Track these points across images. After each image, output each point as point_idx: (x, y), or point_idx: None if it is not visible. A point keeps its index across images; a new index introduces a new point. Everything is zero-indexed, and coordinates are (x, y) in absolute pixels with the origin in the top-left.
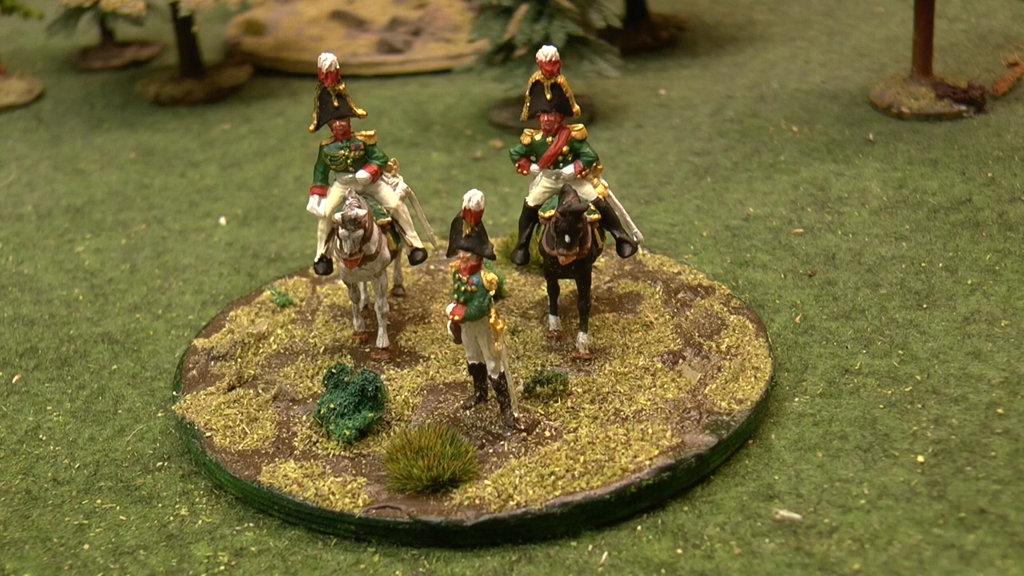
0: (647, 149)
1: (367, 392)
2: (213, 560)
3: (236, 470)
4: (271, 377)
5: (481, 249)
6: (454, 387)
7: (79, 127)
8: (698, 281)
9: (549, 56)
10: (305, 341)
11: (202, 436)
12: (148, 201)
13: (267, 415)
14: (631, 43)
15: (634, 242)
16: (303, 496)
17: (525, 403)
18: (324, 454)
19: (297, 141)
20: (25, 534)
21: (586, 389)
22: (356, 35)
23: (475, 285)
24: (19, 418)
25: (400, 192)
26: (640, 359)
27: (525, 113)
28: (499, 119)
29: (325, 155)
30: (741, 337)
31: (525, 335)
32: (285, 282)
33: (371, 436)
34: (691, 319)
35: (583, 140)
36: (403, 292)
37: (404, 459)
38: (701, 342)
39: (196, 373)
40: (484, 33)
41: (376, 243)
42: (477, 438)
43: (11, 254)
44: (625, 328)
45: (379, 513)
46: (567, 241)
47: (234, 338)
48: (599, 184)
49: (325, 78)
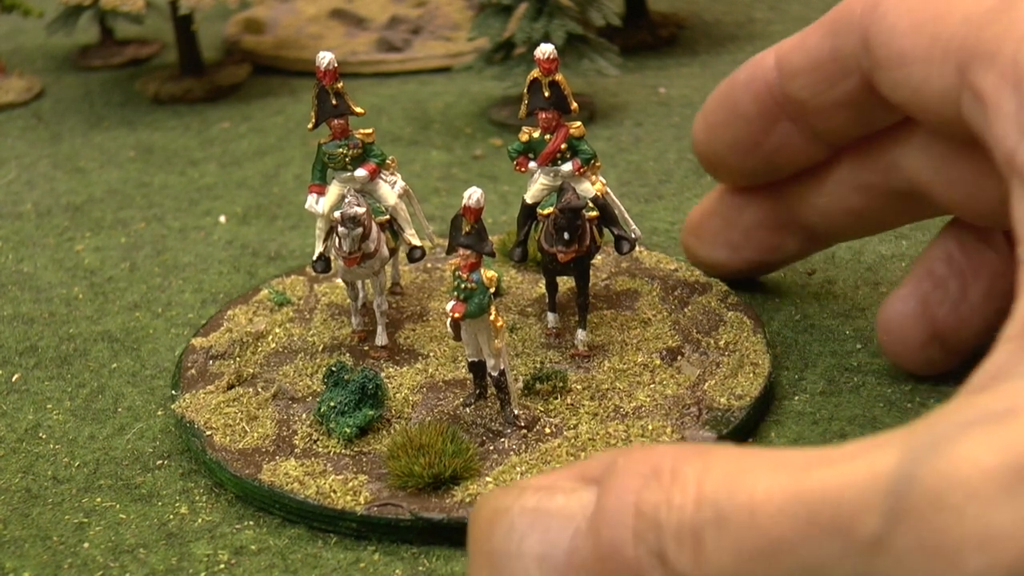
0: (647, 147)
1: (367, 390)
2: (213, 559)
3: (236, 468)
4: (270, 376)
5: (481, 247)
6: (454, 384)
7: (79, 125)
8: (695, 278)
9: (547, 54)
10: (303, 339)
11: (202, 435)
12: (148, 199)
13: (267, 413)
14: (631, 41)
15: (632, 239)
16: (304, 494)
17: (525, 400)
18: (325, 452)
19: (297, 139)
20: (25, 532)
21: (585, 386)
22: (356, 33)
23: (475, 282)
24: (19, 416)
25: (398, 190)
26: (639, 356)
27: (523, 111)
28: (499, 117)
29: (323, 153)
30: (739, 333)
31: (524, 332)
32: (283, 281)
33: (372, 434)
34: (689, 316)
35: (581, 137)
36: (401, 290)
37: (405, 456)
38: (699, 338)
39: (195, 372)
40: (484, 31)
41: (375, 241)
42: (477, 435)
43: (10, 252)
44: (623, 325)
45: (381, 511)
46: (566, 238)
47: (232, 337)
48: (597, 181)
49: (323, 76)
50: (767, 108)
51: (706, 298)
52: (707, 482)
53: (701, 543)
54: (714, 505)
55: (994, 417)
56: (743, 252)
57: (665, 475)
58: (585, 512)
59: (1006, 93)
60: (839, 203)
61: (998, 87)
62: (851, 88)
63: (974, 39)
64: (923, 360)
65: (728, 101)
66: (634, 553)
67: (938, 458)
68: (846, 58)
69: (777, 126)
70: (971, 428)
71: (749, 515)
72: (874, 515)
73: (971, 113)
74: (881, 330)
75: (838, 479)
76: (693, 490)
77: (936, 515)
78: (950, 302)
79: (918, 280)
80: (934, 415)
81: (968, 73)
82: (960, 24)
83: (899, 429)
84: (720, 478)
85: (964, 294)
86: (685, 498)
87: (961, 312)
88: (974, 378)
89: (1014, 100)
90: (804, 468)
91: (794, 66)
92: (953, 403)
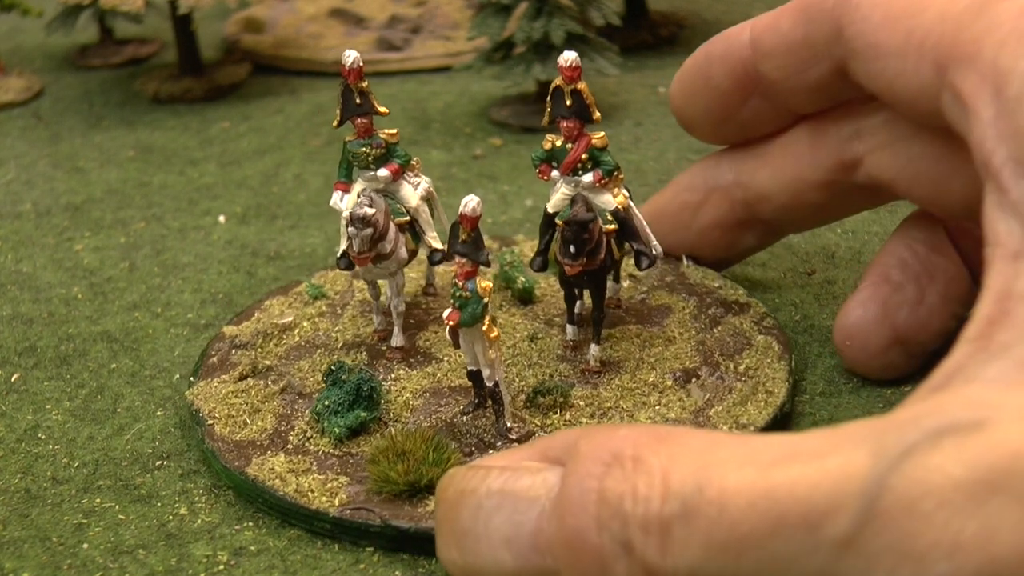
0: (646, 147)
1: (362, 391)
2: (212, 559)
3: (228, 460)
4: (286, 369)
5: (476, 255)
6: (458, 391)
7: (78, 125)
8: (735, 297)
9: (569, 61)
10: (328, 335)
11: (204, 424)
12: (147, 199)
13: (271, 407)
14: (630, 41)
15: (652, 255)
16: (284, 491)
17: (525, 413)
18: (315, 451)
19: (296, 139)
20: (24, 533)
21: (588, 402)
22: (355, 33)
23: (470, 291)
24: (18, 417)
25: (421, 192)
26: (651, 375)
27: (546, 118)
28: (498, 117)
29: (348, 151)
30: (763, 359)
31: (544, 343)
32: (325, 274)
33: (364, 436)
34: (716, 336)
35: (604, 148)
36: (434, 291)
37: (385, 461)
38: (719, 361)
39: (216, 360)
40: (483, 31)
41: (392, 242)
42: (467, 445)
43: (10, 252)
44: (646, 341)
45: (353, 514)
46: (572, 251)
47: (259, 327)
48: (619, 194)
49: (348, 74)
50: (740, 84)
51: (740, 319)
52: (673, 473)
53: (669, 535)
54: (682, 498)
55: (963, 428)
56: (699, 251)
57: (627, 462)
58: (550, 494)
59: (985, 98)
60: (801, 199)
61: (977, 91)
62: (823, 73)
63: (952, 39)
64: (884, 364)
65: (703, 73)
66: (598, 540)
67: (910, 465)
68: (818, 45)
69: (750, 100)
70: (942, 438)
71: (718, 510)
72: (845, 515)
73: (952, 113)
74: (842, 336)
75: (808, 477)
76: (659, 481)
77: (906, 520)
78: (909, 305)
79: (875, 285)
80: (901, 414)
81: (948, 74)
82: (936, 21)
83: (863, 422)
84: (687, 470)
85: (921, 297)
86: (651, 490)
87: (920, 315)
88: (933, 376)
89: (992, 106)
90: (773, 463)
91: (767, 47)
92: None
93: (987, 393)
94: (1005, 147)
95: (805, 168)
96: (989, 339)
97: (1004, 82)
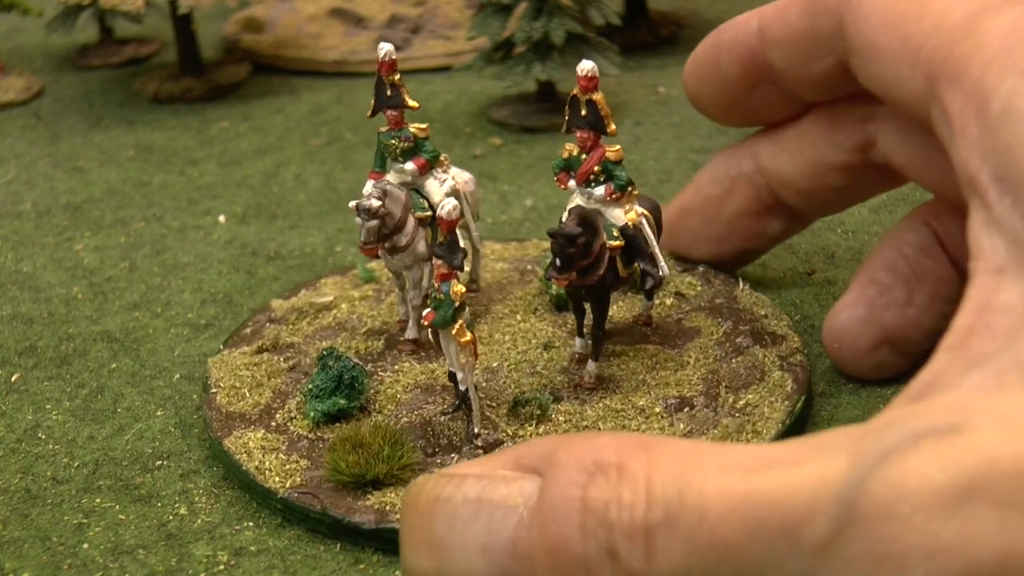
0: (646, 147)
1: (343, 379)
2: (212, 559)
3: (214, 429)
4: (305, 348)
5: (451, 259)
6: (449, 390)
7: (78, 125)
8: (773, 328)
9: (586, 71)
10: (360, 319)
11: (209, 392)
12: (147, 199)
13: (274, 383)
14: (630, 40)
15: (658, 276)
16: (247, 466)
17: (504, 420)
18: (292, 431)
19: (296, 139)
20: (24, 533)
21: (568, 419)
22: (355, 32)
23: (443, 294)
24: (18, 417)
25: (447, 189)
26: (644, 399)
27: (564, 127)
28: (498, 117)
29: (380, 142)
30: (766, 396)
31: (555, 352)
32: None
33: (343, 423)
34: (731, 367)
35: (618, 162)
36: (477, 288)
37: (341, 451)
38: (722, 393)
39: (250, 331)
40: (483, 31)
41: (409, 236)
42: (434, 445)
43: (10, 252)
44: (657, 363)
45: (300, 498)
46: (557, 264)
47: (297, 304)
48: (632, 210)
49: (380, 67)
50: (749, 72)
51: (766, 351)
52: (656, 480)
53: (652, 542)
54: (664, 504)
55: (941, 432)
56: (728, 243)
57: (611, 470)
58: (528, 502)
59: (970, 116)
60: (822, 183)
61: (963, 109)
62: (828, 67)
63: (943, 53)
64: (873, 364)
65: (712, 60)
66: (582, 548)
67: (888, 469)
68: (823, 39)
69: (759, 87)
70: (920, 442)
71: (699, 516)
72: (822, 520)
73: (939, 127)
74: (831, 338)
75: (787, 483)
76: (643, 488)
77: (884, 525)
78: (896, 306)
79: (863, 287)
80: (879, 420)
81: (936, 88)
82: (932, 29)
83: (843, 429)
84: (668, 476)
85: (910, 298)
86: (635, 497)
87: (908, 315)
88: (912, 385)
89: (977, 125)
90: (753, 469)
91: (774, 36)
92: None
93: (966, 399)
94: (989, 165)
95: (824, 151)
96: (967, 349)
97: (988, 101)
